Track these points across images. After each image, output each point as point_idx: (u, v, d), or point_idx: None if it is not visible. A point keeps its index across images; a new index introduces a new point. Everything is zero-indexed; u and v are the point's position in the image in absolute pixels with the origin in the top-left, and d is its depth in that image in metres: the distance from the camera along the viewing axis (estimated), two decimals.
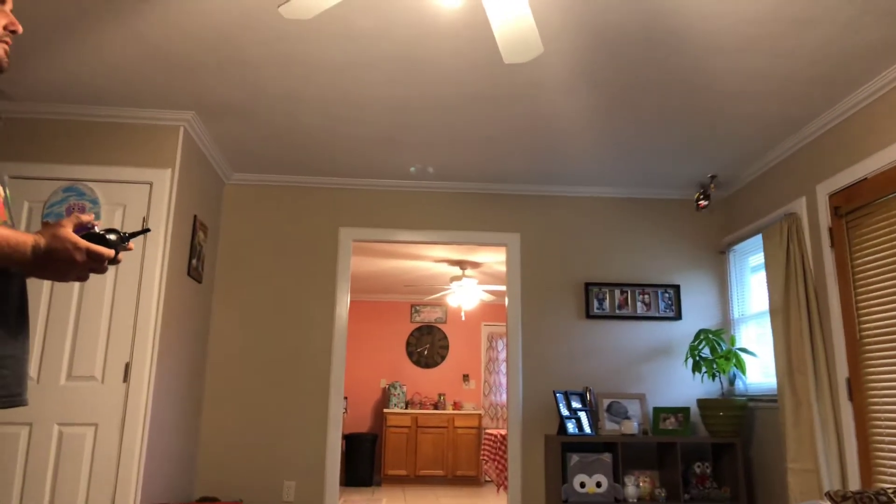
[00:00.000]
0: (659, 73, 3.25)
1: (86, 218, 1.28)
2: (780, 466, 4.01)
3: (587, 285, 4.79)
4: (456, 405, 8.79)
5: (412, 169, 4.46)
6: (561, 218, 4.92)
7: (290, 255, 4.75)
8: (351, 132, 4.03)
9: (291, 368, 4.59)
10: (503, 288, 7.44)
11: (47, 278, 1.24)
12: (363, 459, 8.08)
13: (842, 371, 3.47)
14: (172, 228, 3.74)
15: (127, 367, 3.51)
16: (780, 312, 3.88)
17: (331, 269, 4.76)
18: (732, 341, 4.57)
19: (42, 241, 1.19)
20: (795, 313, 3.76)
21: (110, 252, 1.26)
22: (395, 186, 4.87)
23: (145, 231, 1.38)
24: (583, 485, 4.20)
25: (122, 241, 1.29)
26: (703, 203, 4.16)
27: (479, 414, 8.58)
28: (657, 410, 4.46)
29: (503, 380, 9.03)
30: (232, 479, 4.40)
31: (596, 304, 4.76)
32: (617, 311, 4.76)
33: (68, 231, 1.22)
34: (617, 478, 4.25)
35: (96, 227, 1.28)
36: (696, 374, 4.53)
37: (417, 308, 9.29)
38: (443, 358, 9.15)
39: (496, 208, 4.91)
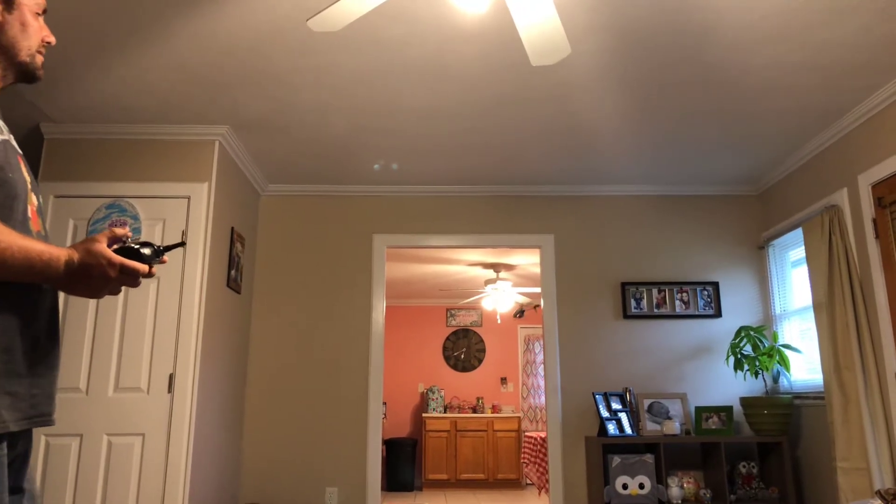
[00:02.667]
0: (689, 69, 3.21)
1: (120, 232, 1.24)
2: (829, 465, 3.91)
3: (624, 285, 4.74)
4: (494, 408, 8.77)
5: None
6: (595, 218, 4.89)
7: (325, 264, 4.81)
8: (381, 140, 4.07)
9: (330, 375, 4.64)
10: (538, 290, 7.41)
11: (80, 294, 1.20)
12: (404, 464, 8.11)
13: (891, 365, 3.37)
14: (211, 241, 3.82)
15: (171, 378, 3.59)
16: (825, 307, 3.79)
17: (366, 275, 4.80)
18: (775, 338, 4.47)
19: (76, 256, 1.16)
20: (840, 307, 3.67)
21: (144, 267, 1.22)
22: (427, 192, 4.90)
23: (180, 244, 1.32)
24: (625, 486, 4.15)
25: (157, 254, 1.26)
26: (519, 317, 4.44)
27: (518, 417, 8.55)
28: (699, 410, 4.39)
29: (541, 382, 8.98)
30: (275, 486, 4.47)
31: (633, 303, 4.71)
32: (655, 311, 4.70)
33: (102, 246, 1.18)
34: (660, 479, 4.19)
35: (130, 241, 1.24)
36: (738, 372, 4.45)
37: (453, 312, 9.30)
38: (480, 361, 9.14)
39: (529, 210, 4.90)
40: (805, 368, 4.35)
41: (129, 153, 3.90)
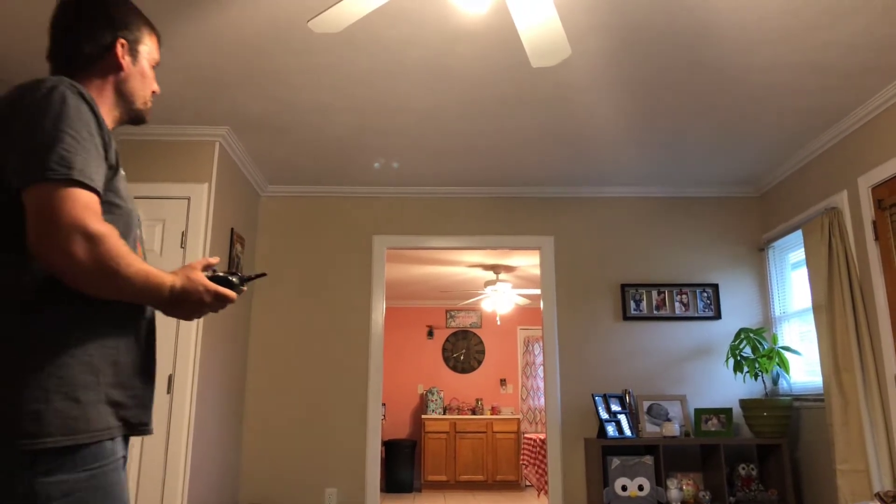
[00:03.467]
0: (689, 70, 3.21)
1: (214, 260, 1.36)
2: (828, 467, 3.91)
3: (623, 287, 4.74)
4: (494, 410, 8.76)
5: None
6: (595, 219, 4.89)
7: (325, 265, 4.81)
8: (382, 141, 4.07)
9: (330, 376, 4.63)
10: (538, 291, 7.41)
11: (175, 316, 1.29)
12: (403, 465, 8.10)
13: (890, 367, 3.38)
14: (211, 242, 3.82)
15: (170, 378, 3.59)
16: (824, 309, 3.79)
17: (366, 276, 4.80)
18: (774, 340, 4.47)
19: (178, 282, 1.24)
20: (840, 309, 3.67)
21: (234, 295, 1.32)
22: (427, 193, 4.90)
23: (261, 275, 1.44)
24: (624, 488, 4.15)
25: (242, 283, 1.36)
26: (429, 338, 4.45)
27: (518, 418, 8.55)
28: (699, 412, 4.39)
29: (541, 384, 8.97)
30: (274, 487, 4.46)
31: (633, 305, 4.71)
32: (655, 312, 4.70)
33: (200, 274, 1.29)
34: (659, 481, 4.19)
35: (218, 270, 1.35)
36: (738, 374, 4.45)
37: (452, 313, 9.30)
38: (479, 363, 9.13)
39: (529, 211, 4.90)
40: (804, 370, 4.34)
41: (129, 153, 3.90)
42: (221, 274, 1.33)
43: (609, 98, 3.51)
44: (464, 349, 9.17)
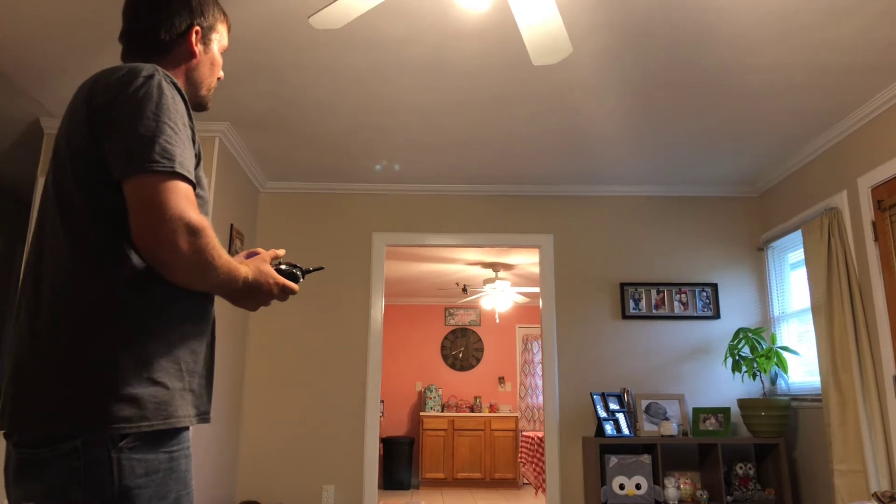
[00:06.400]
0: (690, 70, 3.21)
1: (280, 252, 1.41)
2: (825, 467, 3.91)
3: (623, 285, 4.74)
4: (492, 408, 8.77)
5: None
6: (594, 218, 4.89)
7: (324, 261, 4.81)
8: (381, 138, 4.07)
9: (328, 373, 4.64)
10: (537, 290, 7.41)
11: (243, 306, 1.33)
12: (401, 463, 8.11)
13: (888, 368, 3.38)
14: None
15: None
16: (823, 309, 3.80)
17: (365, 273, 4.80)
18: (773, 340, 4.48)
19: (251, 274, 1.27)
20: (839, 310, 3.68)
21: (296, 287, 1.37)
22: (427, 190, 4.90)
23: (320, 269, 1.54)
24: (622, 487, 4.15)
25: (303, 275, 1.42)
26: None
27: (516, 416, 8.55)
28: (696, 411, 4.39)
29: (539, 382, 8.98)
30: (272, 484, 4.47)
31: (632, 304, 4.71)
32: (654, 311, 4.70)
33: (269, 266, 1.34)
34: (657, 479, 4.20)
35: (282, 262, 1.41)
36: (736, 373, 4.45)
37: (451, 311, 9.30)
38: (478, 360, 9.14)
39: (528, 210, 4.90)
40: (803, 370, 4.35)
41: None
42: (285, 267, 1.39)
43: (609, 97, 3.51)
44: (462, 347, 9.18)
